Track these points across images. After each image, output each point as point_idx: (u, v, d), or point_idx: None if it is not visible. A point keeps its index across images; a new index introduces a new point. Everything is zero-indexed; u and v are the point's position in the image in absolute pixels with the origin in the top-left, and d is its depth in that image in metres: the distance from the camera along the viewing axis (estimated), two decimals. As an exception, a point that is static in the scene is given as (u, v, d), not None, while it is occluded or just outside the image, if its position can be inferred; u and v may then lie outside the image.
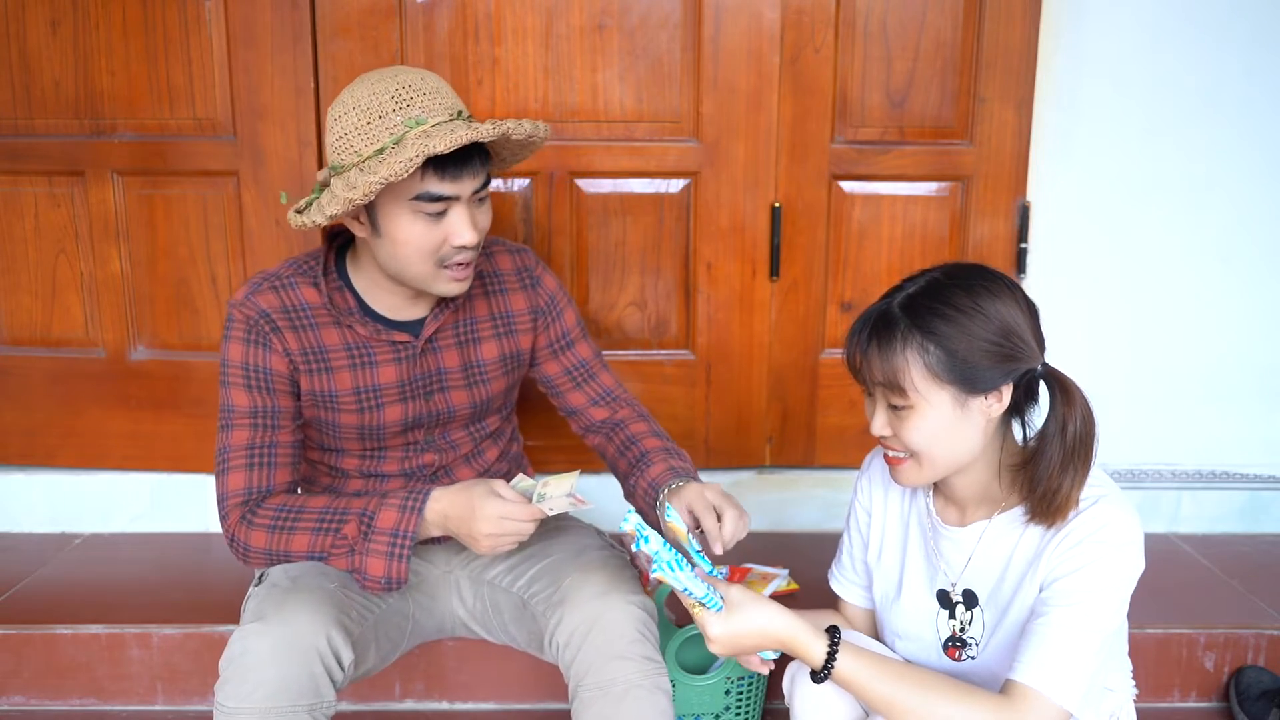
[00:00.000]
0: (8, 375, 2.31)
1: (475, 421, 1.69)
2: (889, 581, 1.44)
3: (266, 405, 1.51)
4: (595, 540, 1.65)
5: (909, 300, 1.25)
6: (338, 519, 1.47)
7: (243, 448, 1.50)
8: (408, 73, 1.45)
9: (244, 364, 1.50)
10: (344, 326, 1.55)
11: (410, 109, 1.41)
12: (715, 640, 1.27)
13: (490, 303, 1.65)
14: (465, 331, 1.63)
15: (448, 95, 1.46)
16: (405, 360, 1.58)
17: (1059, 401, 1.23)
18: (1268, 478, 2.41)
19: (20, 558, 2.21)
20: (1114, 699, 1.38)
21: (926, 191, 2.24)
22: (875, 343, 1.25)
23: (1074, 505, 1.23)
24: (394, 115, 1.40)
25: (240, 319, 1.51)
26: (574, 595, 1.46)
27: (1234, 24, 2.22)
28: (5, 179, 2.22)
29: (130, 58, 2.14)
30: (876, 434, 1.29)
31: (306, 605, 1.39)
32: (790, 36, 2.14)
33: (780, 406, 2.31)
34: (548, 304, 1.69)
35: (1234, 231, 2.31)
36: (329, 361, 1.54)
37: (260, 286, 1.54)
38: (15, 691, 1.92)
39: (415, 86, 1.42)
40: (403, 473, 1.64)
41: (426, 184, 1.40)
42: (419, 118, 1.40)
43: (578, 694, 1.43)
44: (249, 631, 1.36)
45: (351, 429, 1.58)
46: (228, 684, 1.35)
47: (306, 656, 1.35)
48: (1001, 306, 1.23)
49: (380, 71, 1.46)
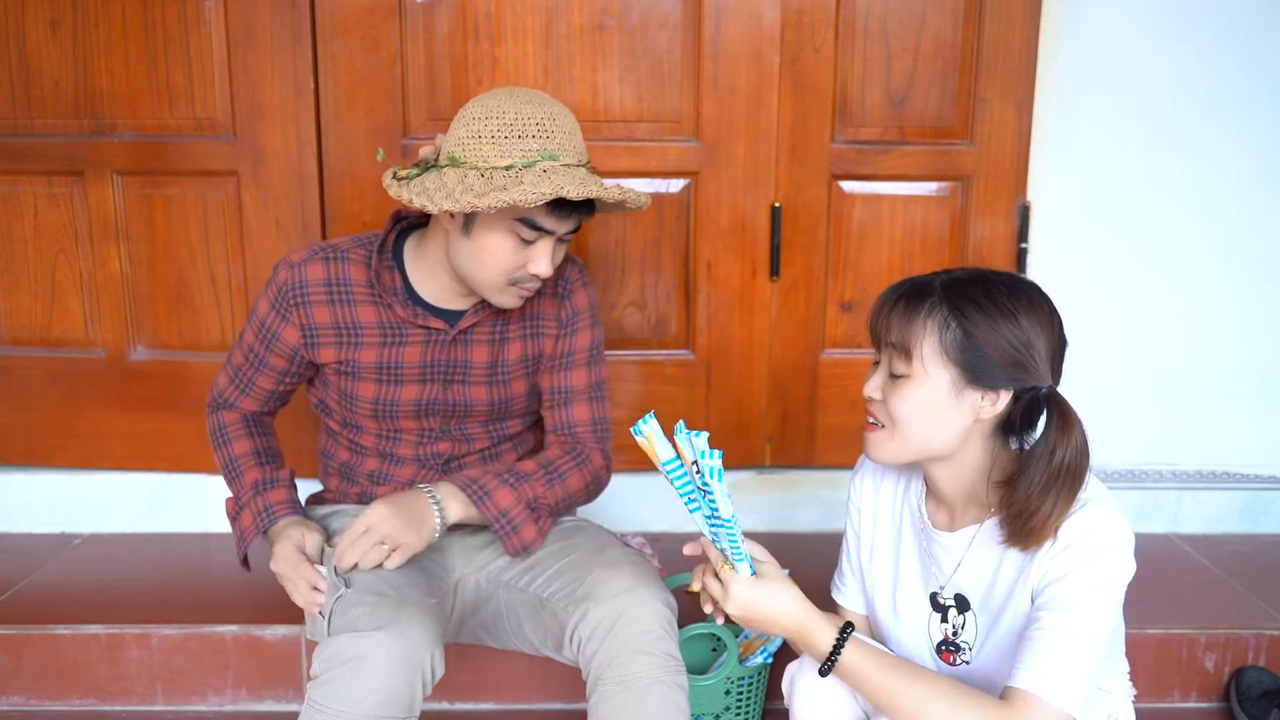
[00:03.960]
0: (8, 375, 2.31)
1: (495, 421, 1.71)
2: (882, 583, 1.44)
3: (261, 353, 1.65)
4: (614, 540, 1.66)
5: (952, 280, 1.27)
6: (233, 477, 1.67)
7: (234, 365, 1.70)
8: (552, 105, 1.49)
9: (263, 319, 1.63)
10: (383, 305, 1.61)
11: (550, 140, 1.46)
12: (735, 600, 1.28)
13: (526, 305, 1.68)
14: (499, 331, 1.66)
15: (579, 141, 1.51)
16: (434, 345, 1.63)
17: (1054, 426, 1.22)
18: (1268, 478, 2.41)
19: (20, 558, 2.21)
20: (1110, 700, 1.38)
21: (927, 191, 2.24)
22: (903, 304, 1.27)
23: (1050, 534, 1.21)
24: (533, 140, 1.45)
25: (278, 283, 1.61)
26: (599, 590, 1.48)
27: (1233, 24, 2.22)
28: (5, 179, 2.22)
29: (130, 58, 2.14)
30: (866, 394, 1.31)
31: (418, 619, 1.41)
32: (790, 36, 2.14)
33: (780, 406, 2.32)
34: (569, 318, 1.70)
35: (1234, 232, 2.31)
36: (360, 336, 1.61)
37: (315, 255, 1.62)
38: (15, 692, 1.92)
39: (557, 121, 1.47)
40: (416, 458, 1.69)
41: (535, 213, 1.45)
42: (554, 153, 1.45)
43: (598, 687, 1.44)
44: (367, 639, 1.36)
45: (367, 402, 1.64)
46: (332, 684, 1.34)
47: (416, 670, 1.38)
48: (1035, 322, 1.23)
49: (528, 92, 1.50)
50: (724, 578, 1.30)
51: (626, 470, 2.31)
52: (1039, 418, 1.25)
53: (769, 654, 1.79)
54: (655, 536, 2.32)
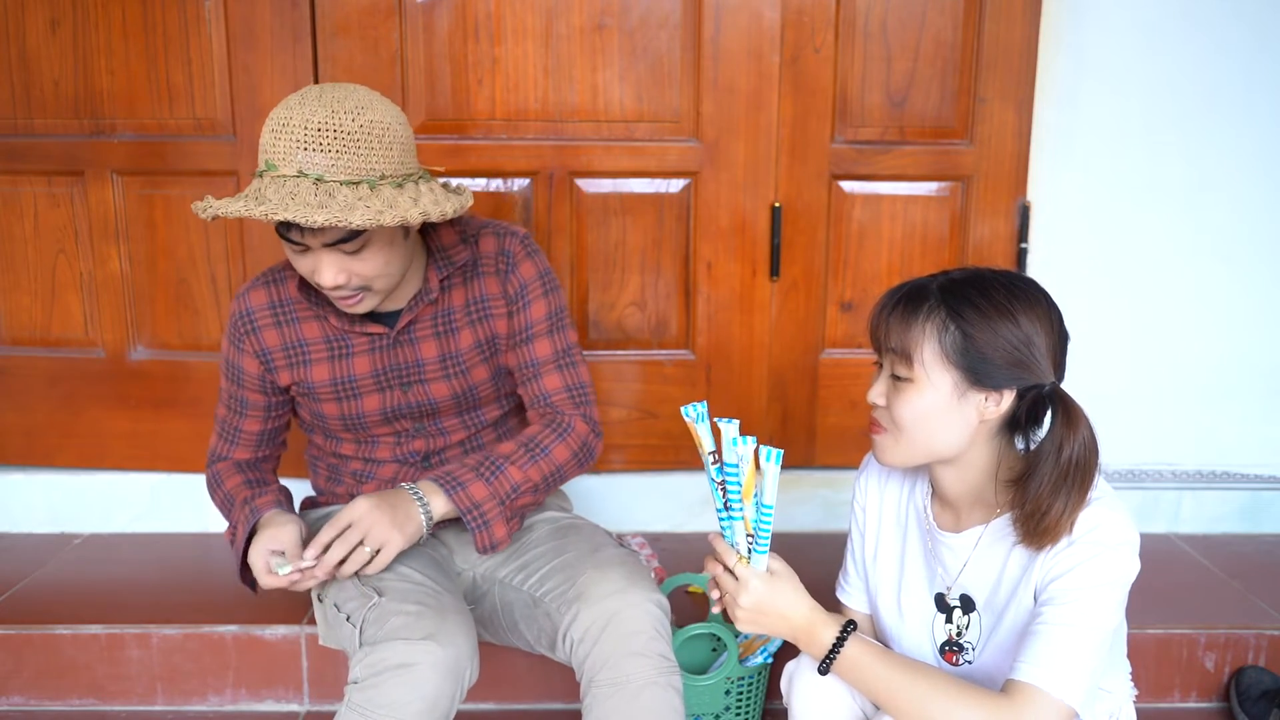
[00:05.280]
0: (8, 375, 2.31)
1: (468, 411, 1.70)
2: (887, 583, 1.44)
3: (238, 395, 1.68)
4: (608, 540, 1.65)
5: (949, 282, 1.27)
6: (227, 509, 1.64)
7: (220, 420, 1.72)
8: (311, 104, 1.37)
9: (226, 358, 1.67)
10: (322, 319, 1.60)
11: (276, 148, 1.36)
12: (750, 594, 1.29)
13: (468, 289, 1.64)
14: (443, 322, 1.63)
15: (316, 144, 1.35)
16: (379, 351, 1.62)
17: (1060, 422, 1.22)
18: (1268, 478, 2.41)
19: (20, 558, 2.21)
20: (1112, 700, 1.38)
21: (927, 191, 2.24)
22: (901, 309, 1.27)
23: (1066, 532, 1.21)
24: (266, 150, 1.38)
25: (232, 314, 1.65)
26: (591, 591, 1.47)
27: (1234, 24, 2.22)
28: (5, 179, 2.22)
29: (130, 58, 2.14)
30: (870, 400, 1.31)
31: (463, 629, 1.43)
32: (790, 36, 2.14)
33: (780, 406, 2.31)
34: (517, 292, 1.64)
35: (1234, 232, 2.31)
36: (308, 354, 1.62)
37: (257, 283, 1.64)
38: (15, 691, 1.92)
39: (292, 124, 1.36)
40: (395, 459, 1.69)
41: (278, 224, 1.40)
42: (273, 162, 1.37)
43: (591, 689, 1.44)
44: (417, 648, 1.36)
45: (336, 419, 1.65)
46: (378, 690, 1.34)
47: (459, 679, 1.40)
48: (1034, 318, 1.23)
49: (311, 91, 1.40)
50: (740, 573, 1.30)
51: (627, 470, 2.31)
52: (1044, 415, 1.25)
53: (769, 654, 1.79)
54: (655, 536, 2.31)
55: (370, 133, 1.38)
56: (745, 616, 1.31)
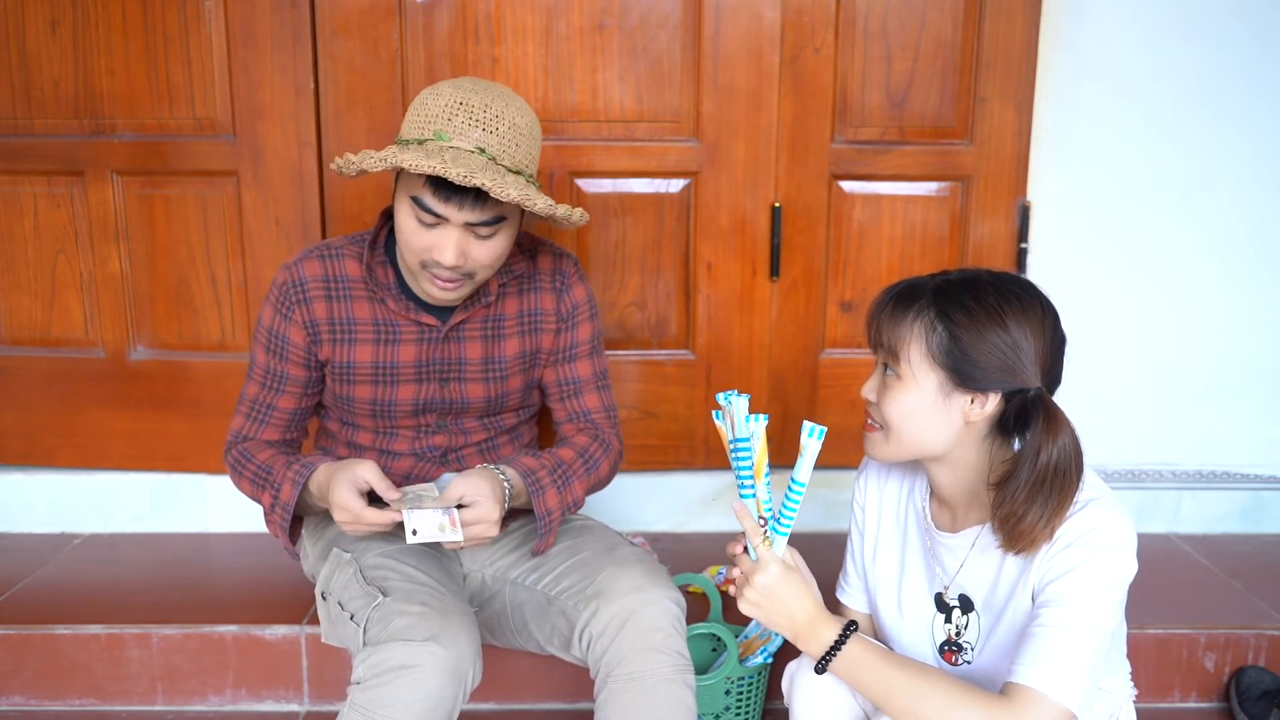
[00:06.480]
0: (7, 375, 2.30)
1: (491, 414, 1.72)
2: (887, 583, 1.44)
3: (277, 369, 1.65)
4: (621, 539, 1.68)
5: (943, 283, 1.28)
6: (265, 479, 1.61)
7: (249, 399, 1.68)
8: (483, 93, 1.47)
9: (270, 327, 1.64)
10: (377, 301, 1.62)
11: (449, 123, 1.44)
12: (766, 575, 1.31)
13: (522, 301, 1.69)
14: (493, 327, 1.67)
15: (492, 127, 1.45)
16: (427, 343, 1.64)
17: (1040, 428, 1.21)
18: (1268, 478, 2.41)
19: (20, 558, 2.20)
20: (1111, 700, 1.38)
21: (927, 191, 2.24)
22: (893, 307, 1.29)
23: (1045, 539, 1.21)
24: (435, 122, 1.44)
25: (279, 283, 1.63)
26: (610, 588, 1.49)
27: (1234, 25, 2.22)
28: (5, 179, 2.22)
29: (130, 58, 2.14)
30: (863, 396, 1.33)
31: (466, 630, 1.43)
32: (790, 36, 2.14)
33: (780, 406, 2.31)
34: (569, 312, 1.71)
35: (1234, 231, 2.31)
36: (355, 333, 1.63)
37: (310, 254, 1.64)
38: (15, 691, 1.92)
39: (471, 105, 1.44)
40: (413, 452, 1.70)
41: (423, 194, 1.44)
42: (444, 133, 1.43)
43: (607, 684, 1.46)
44: (420, 649, 1.37)
45: (365, 403, 1.65)
46: (380, 690, 1.35)
47: (461, 681, 1.40)
48: (1024, 324, 1.23)
49: (481, 85, 1.49)
50: (762, 554, 1.32)
51: (627, 470, 2.31)
52: (1033, 420, 1.25)
53: (769, 654, 1.79)
54: (655, 536, 2.32)
55: (531, 133, 1.50)
56: (753, 598, 1.31)
